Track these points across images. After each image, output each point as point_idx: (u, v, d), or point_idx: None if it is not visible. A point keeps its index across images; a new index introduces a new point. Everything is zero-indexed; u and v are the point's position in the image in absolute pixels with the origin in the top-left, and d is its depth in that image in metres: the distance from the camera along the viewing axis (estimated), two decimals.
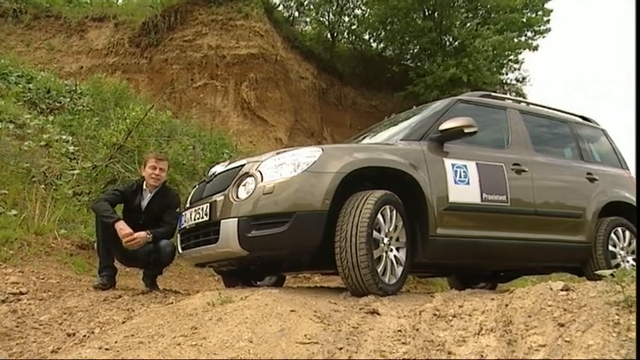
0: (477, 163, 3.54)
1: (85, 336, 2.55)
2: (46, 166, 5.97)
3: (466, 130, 3.46)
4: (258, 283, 4.15)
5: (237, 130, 12.11)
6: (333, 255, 2.93)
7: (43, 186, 5.62)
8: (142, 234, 3.72)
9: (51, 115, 7.62)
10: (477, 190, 3.48)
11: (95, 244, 4.40)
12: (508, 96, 4.92)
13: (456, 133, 3.48)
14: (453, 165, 3.44)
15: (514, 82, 16.00)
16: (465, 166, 3.49)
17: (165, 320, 2.48)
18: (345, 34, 16.08)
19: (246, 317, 2.30)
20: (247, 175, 3.13)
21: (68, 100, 8.21)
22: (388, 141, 3.71)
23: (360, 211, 2.90)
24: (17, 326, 2.67)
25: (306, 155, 3.06)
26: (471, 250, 3.46)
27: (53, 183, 5.78)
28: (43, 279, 3.88)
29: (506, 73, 15.67)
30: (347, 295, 2.96)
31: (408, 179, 3.23)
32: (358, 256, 2.82)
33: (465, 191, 3.42)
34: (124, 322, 2.68)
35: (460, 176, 3.44)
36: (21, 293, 3.35)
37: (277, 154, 3.21)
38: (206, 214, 3.21)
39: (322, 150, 3.10)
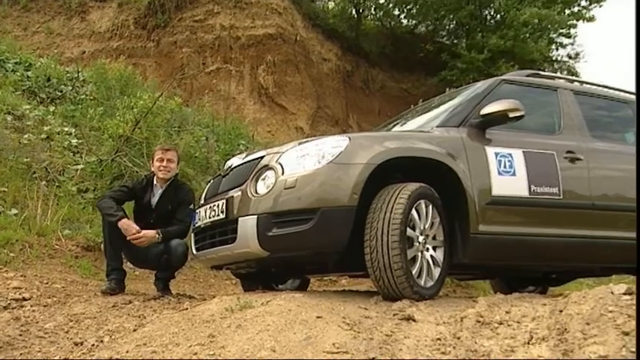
0: (523, 152, 3.49)
1: (93, 345, 2.60)
2: (48, 160, 6.10)
3: (511, 115, 3.40)
4: (280, 286, 4.18)
5: (254, 118, 12.18)
6: (363, 255, 2.93)
7: (44, 182, 5.75)
8: (149, 232, 3.79)
9: (52, 105, 7.79)
10: (525, 182, 3.43)
11: (102, 245, 4.50)
12: (559, 75, 4.82)
13: (500, 118, 3.43)
14: (496, 154, 3.40)
15: (566, 58, 15.68)
16: (510, 154, 3.44)
17: (179, 328, 2.52)
18: (372, 9, 16.01)
19: (267, 324, 2.31)
20: (267, 167, 3.15)
21: (70, 88, 8.38)
22: (422, 128, 3.68)
23: (392, 206, 2.89)
24: (21, 335, 2.74)
25: (332, 145, 3.06)
26: (518, 250, 3.42)
27: (56, 179, 5.92)
28: (47, 283, 3.98)
29: (557, 49, 15.37)
30: (378, 299, 2.95)
31: (445, 170, 3.20)
32: (390, 256, 2.81)
33: (511, 183, 3.38)
34: (135, 330, 2.73)
35: (505, 166, 3.39)
36: (24, 299, 3.44)
37: (299, 144, 3.22)
38: (222, 212, 3.24)
39: (349, 139, 3.09)
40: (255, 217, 3.00)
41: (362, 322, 2.43)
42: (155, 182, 4.13)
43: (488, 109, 3.45)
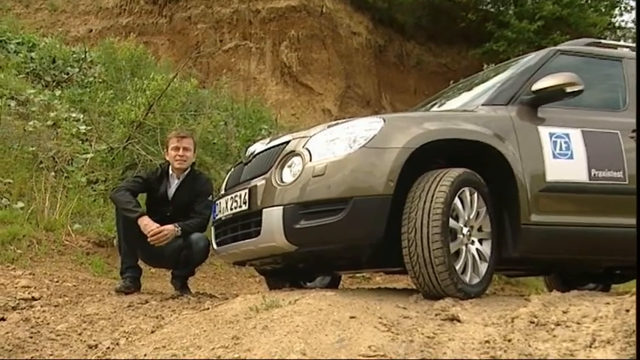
0: (582, 131, 3.42)
1: (108, 348, 2.66)
2: (55, 149, 6.23)
3: (568, 90, 3.34)
4: (309, 284, 4.21)
5: (277, 100, 12.21)
6: (400, 249, 2.93)
7: (52, 173, 5.88)
8: (169, 227, 3.84)
9: (58, 88, 7.92)
10: (584, 166, 3.37)
11: (115, 241, 4.59)
12: (623, 43, 4.69)
13: (555, 94, 3.37)
14: (550, 134, 3.34)
15: (630, 24, 15.22)
16: (567, 135, 3.38)
17: (201, 329, 2.56)
18: None
19: (296, 325, 2.33)
20: (293, 153, 3.16)
21: (77, 70, 8.51)
22: (466, 107, 3.64)
23: (433, 194, 2.87)
24: (31, 337, 2.82)
25: (365, 128, 3.05)
26: (576, 242, 3.36)
27: (64, 169, 6.04)
28: (57, 282, 4.08)
29: (620, 14, 14.91)
30: (418, 298, 2.95)
31: (492, 154, 3.17)
32: (431, 250, 2.80)
33: (568, 167, 3.32)
34: (153, 332, 2.78)
35: (561, 148, 3.34)
36: (33, 299, 3.54)
37: (328, 127, 3.22)
38: (244, 203, 3.27)
39: (384, 121, 3.08)
40: (281, 208, 3.02)
41: (400, 323, 2.43)
42: (171, 172, 4.18)
43: (541, 84, 3.39)
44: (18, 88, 7.24)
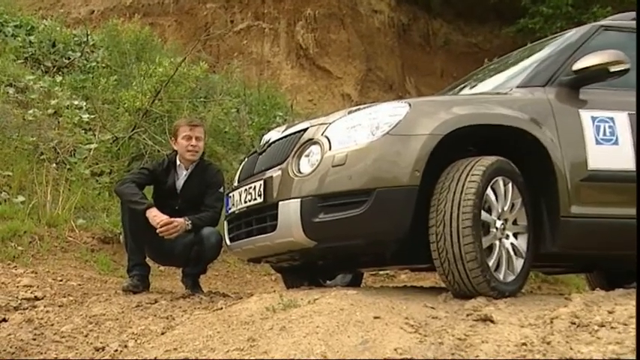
0: (629, 115, 3.37)
1: (116, 350, 2.69)
2: (57, 139, 6.29)
3: (613, 69, 3.29)
4: (329, 282, 4.22)
5: (293, 85, 12.21)
6: (427, 244, 2.92)
7: (54, 165, 5.95)
8: (179, 220, 3.87)
9: (58, 74, 8.00)
10: (630, 152, 3.32)
11: (121, 237, 4.63)
12: None
13: (598, 74, 3.33)
14: (593, 118, 3.30)
15: None
16: (612, 118, 3.33)
17: (214, 330, 2.57)
18: None
19: (316, 326, 2.34)
20: (311, 142, 3.17)
21: (78, 54, 8.58)
22: (499, 89, 3.61)
23: (464, 185, 2.86)
24: (34, 339, 2.86)
25: (388, 113, 3.05)
26: (620, 236, 3.31)
27: (66, 161, 6.11)
28: (61, 281, 4.14)
29: None
30: (448, 296, 2.95)
31: (528, 140, 3.14)
32: (462, 245, 2.79)
33: (612, 154, 3.28)
34: (163, 334, 2.80)
35: (604, 133, 3.29)
36: (36, 298, 3.59)
37: (349, 113, 3.22)
38: (259, 195, 3.28)
39: (409, 105, 3.07)
40: (299, 200, 3.03)
41: (429, 324, 2.42)
42: (179, 163, 4.20)
43: (582, 63, 3.34)
44: (16, 74, 7.31)
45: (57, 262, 4.77)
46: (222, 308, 3.05)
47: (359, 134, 3.02)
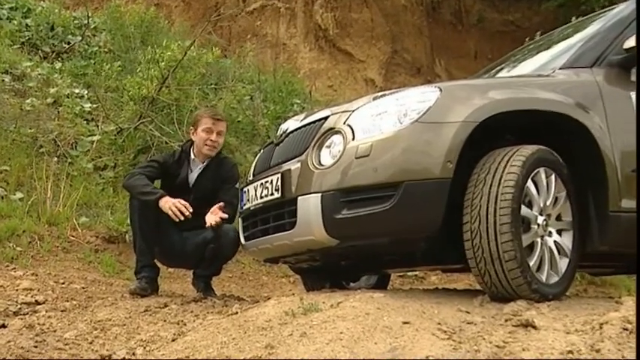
0: None
1: (124, 358, 2.72)
2: (57, 131, 6.35)
3: None
4: (352, 284, 4.24)
5: (311, 70, 12.20)
6: (461, 243, 2.91)
7: (54, 159, 6.00)
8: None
9: (57, 60, 8.04)
10: None
11: (128, 236, 4.68)
12: None
13: None
14: None
15: None
16: None
17: (229, 337, 2.59)
18: None
19: (340, 332, 2.34)
20: (332, 131, 3.17)
21: (79, 39, 8.62)
22: (540, 71, 3.59)
23: (501, 177, 2.84)
24: (35, 346, 2.88)
25: (417, 99, 3.04)
26: None
27: (67, 154, 6.16)
28: (63, 284, 4.19)
29: None
30: (484, 300, 2.94)
31: (574, 127, 3.12)
32: (499, 243, 2.77)
33: None
34: (174, 340, 2.82)
35: None
36: (37, 303, 3.64)
37: (374, 99, 3.21)
38: (277, 190, 3.30)
39: (440, 90, 3.06)
40: (319, 195, 3.04)
41: (463, 330, 2.42)
42: (193, 156, 4.23)
43: (635, 41, 3.30)
44: (12, 60, 7.36)
45: (58, 264, 4.83)
46: (237, 313, 3.06)
47: (385, 122, 3.01)
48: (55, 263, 4.83)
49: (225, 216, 3.88)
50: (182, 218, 3.84)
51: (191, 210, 3.85)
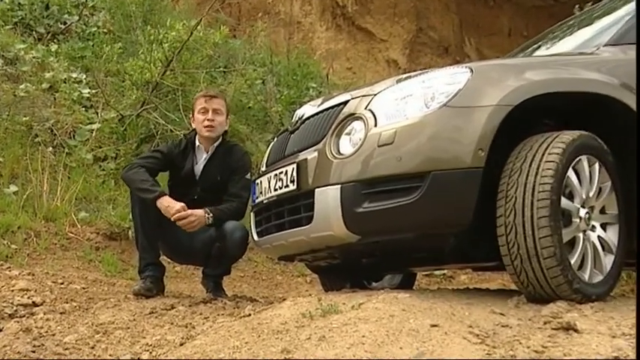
0: None
1: None
2: (53, 119, 6.39)
3: None
4: (375, 284, 4.24)
5: (328, 50, 12.17)
6: (494, 238, 2.90)
7: (50, 149, 6.04)
8: (198, 212, 3.90)
9: (53, 42, 8.06)
10: None
11: (131, 232, 4.70)
12: None
13: None
14: None
15: None
16: None
17: (241, 341, 2.59)
18: None
19: (362, 335, 2.34)
20: (353, 117, 3.16)
21: (76, 19, 8.64)
22: (582, 49, 3.56)
23: (539, 165, 2.82)
24: (33, 351, 2.91)
25: (445, 81, 3.02)
26: None
27: (64, 144, 6.20)
28: (62, 284, 4.22)
29: None
30: (520, 301, 2.92)
31: (620, 110, 3.09)
32: (537, 238, 2.75)
33: None
34: (182, 345, 2.84)
35: None
36: (34, 304, 3.67)
37: (398, 82, 3.20)
38: (292, 181, 3.29)
39: (471, 71, 3.03)
40: (339, 187, 3.03)
41: (497, 333, 2.41)
42: (198, 144, 4.24)
43: None
44: (4, 42, 7.41)
45: (57, 262, 4.87)
46: (250, 315, 3.07)
47: (410, 107, 3.00)
48: (52, 262, 4.87)
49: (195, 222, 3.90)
50: (186, 229, 3.88)
51: (192, 227, 3.89)
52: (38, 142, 6.08)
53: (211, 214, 3.93)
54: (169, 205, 3.87)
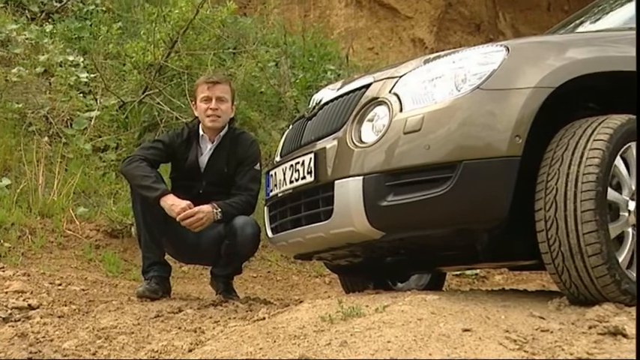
0: None
1: None
2: (48, 106, 6.42)
3: None
4: (400, 285, 4.25)
5: (348, 29, 12.16)
6: (533, 234, 2.88)
7: (46, 139, 6.07)
8: (205, 207, 3.91)
9: (48, 22, 8.12)
10: None
11: (133, 229, 4.71)
12: None
13: None
14: None
15: None
16: None
17: (255, 346, 2.60)
18: None
19: (387, 341, 2.34)
20: (376, 102, 3.15)
21: None
22: (632, 24, 3.50)
23: (583, 153, 2.79)
24: (30, 358, 2.92)
25: (478, 61, 3.01)
26: None
27: (61, 133, 6.23)
28: (59, 285, 4.25)
29: None
30: (562, 303, 2.91)
31: None
32: (581, 234, 2.73)
33: None
34: (190, 351, 2.85)
35: None
36: (30, 307, 3.69)
37: (425, 63, 3.19)
38: (309, 173, 3.30)
39: (507, 49, 3.02)
40: (361, 178, 3.03)
41: (537, 339, 2.40)
42: (202, 133, 4.24)
43: None
44: None
45: (54, 262, 4.89)
46: (264, 318, 3.08)
47: (439, 90, 2.99)
48: (49, 261, 4.90)
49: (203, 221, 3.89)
50: (192, 229, 3.89)
51: (200, 225, 3.88)
52: (32, 132, 6.11)
53: (220, 209, 3.93)
54: (173, 203, 3.87)
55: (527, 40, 3.48)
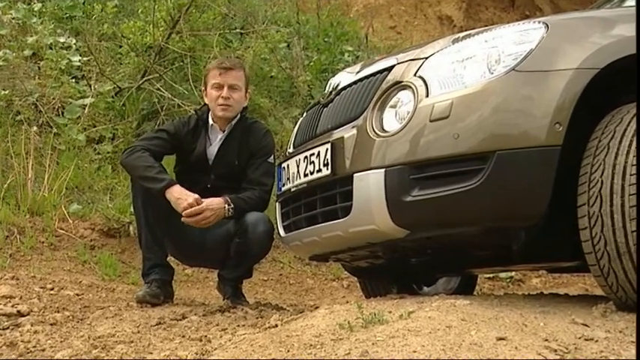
0: None
1: None
2: (38, 92, 6.43)
3: None
4: (427, 289, 4.25)
5: (367, 6, 12.15)
6: (574, 232, 2.87)
7: (35, 128, 6.08)
8: (216, 203, 3.91)
9: (37, 0, 8.09)
10: None
11: (133, 228, 4.72)
12: None
13: None
14: None
15: None
16: None
17: (267, 356, 2.59)
18: None
19: (413, 350, 2.33)
20: (399, 86, 3.15)
21: None
22: None
23: (631, 142, 2.77)
24: None
25: (514, 40, 3.00)
26: None
27: (52, 122, 6.25)
28: (51, 289, 4.26)
29: None
30: (608, 309, 2.90)
31: None
32: (629, 232, 2.71)
33: None
34: None
35: None
36: (20, 314, 3.70)
37: (454, 42, 3.18)
38: (325, 165, 3.30)
39: (546, 26, 3.00)
40: (382, 171, 3.02)
41: (580, 349, 2.38)
42: (211, 122, 4.24)
43: None
44: None
45: (45, 264, 4.91)
46: (276, 326, 3.08)
47: (470, 72, 2.98)
48: (40, 264, 4.91)
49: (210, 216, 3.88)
50: (199, 226, 3.89)
51: (208, 222, 3.87)
52: (20, 121, 6.14)
53: (232, 205, 3.90)
54: (180, 197, 3.84)
55: (568, 16, 3.48)
